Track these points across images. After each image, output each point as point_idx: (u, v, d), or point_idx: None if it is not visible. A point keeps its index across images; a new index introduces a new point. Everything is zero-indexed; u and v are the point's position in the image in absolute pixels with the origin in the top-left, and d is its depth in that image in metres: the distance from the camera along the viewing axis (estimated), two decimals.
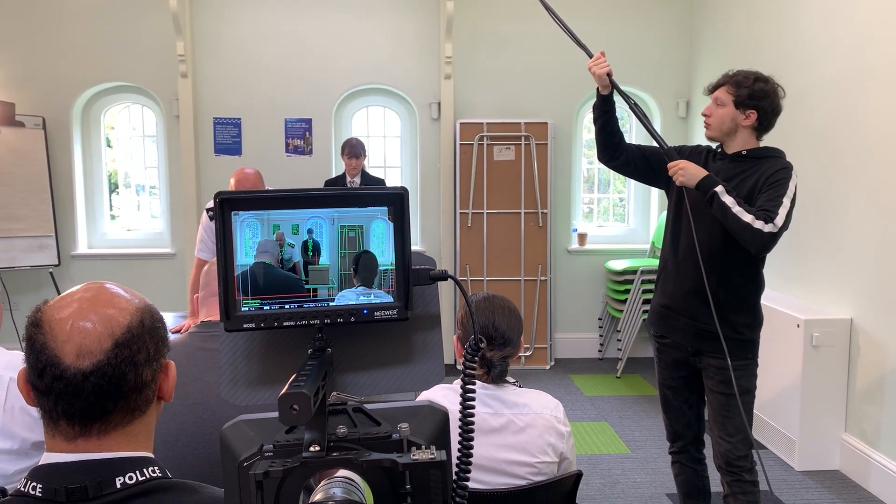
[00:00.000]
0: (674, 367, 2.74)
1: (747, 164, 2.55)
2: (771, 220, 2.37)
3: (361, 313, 0.78)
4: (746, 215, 2.38)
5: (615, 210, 6.36)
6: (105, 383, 1.01)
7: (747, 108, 2.52)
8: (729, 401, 2.57)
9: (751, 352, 2.59)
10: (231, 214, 0.75)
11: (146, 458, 1.09)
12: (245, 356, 0.82)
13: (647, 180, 2.80)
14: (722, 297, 2.54)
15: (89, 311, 1.02)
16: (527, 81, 5.83)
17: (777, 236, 2.38)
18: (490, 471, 1.83)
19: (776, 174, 2.46)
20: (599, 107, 2.72)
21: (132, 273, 5.82)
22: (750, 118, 2.52)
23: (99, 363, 1.00)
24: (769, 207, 2.39)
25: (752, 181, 2.50)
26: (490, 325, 1.88)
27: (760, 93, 2.50)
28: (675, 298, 2.67)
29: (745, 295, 2.58)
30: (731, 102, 2.53)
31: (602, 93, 2.70)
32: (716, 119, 2.57)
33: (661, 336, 2.76)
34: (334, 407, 0.80)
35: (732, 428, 2.58)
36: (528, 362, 5.71)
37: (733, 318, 2.55)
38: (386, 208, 0.78)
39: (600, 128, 2.74)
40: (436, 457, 0.70)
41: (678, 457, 2.83)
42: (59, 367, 0.99)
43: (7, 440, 1.74)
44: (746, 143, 2.57)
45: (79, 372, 0.99)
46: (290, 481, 0.73)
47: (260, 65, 5.73)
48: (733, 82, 2.55)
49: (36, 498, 1.01)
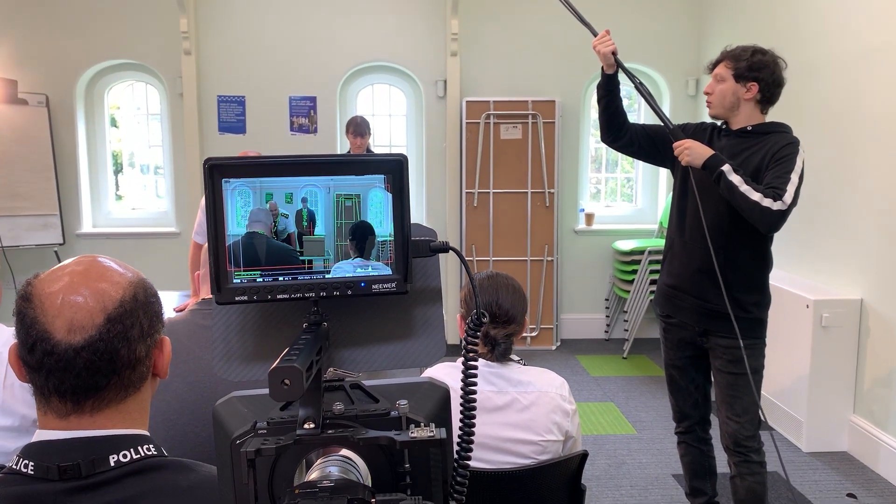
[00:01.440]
0: (680, 347, 2.71)
1: (753, 139, 2.50)
2: (779, 198, 2.33)
3: (359, 286, 0.75)
4: (754, 194, 2.34)
5: (623, 190, 6.30)
6: (97, 359, 0.98)
7: (747, 80, 2.48)
8: (737, 380, 2.54)
9: (759, 331, 2.57)
10: (221, 182, 0.72)
11: (141, 435, 1.06)
12: (238, 330, 0.79)
13: (651, 160, 2.76)
14: (729, 276, 2.51)
15: (80, 286, 0.99)
16: (534, 58, 5.75)
17: (786, 214, 2.35)
18: (494, 449, 1.81)
19: (783, 150, 2.41)
20: (604, 86, 2.68)
21: (137, 252, 5.81)
22: (751, 91, 2.48)
23: (90, 338, 0.97)
24: (777, 185, 2.35)
25: (759, 157, 2.45)
26: (494, 302, 1.85)
27: (759, 64, 2.47)
28: (681, 278, 2.63)
29: (752, 274, 2.54)
30: (731, 77, 2.50)
31: (607, 72, 2.65)
32: (717, 95, 2.54)
33: (668, 316, 2.73)
34: (331, 383, 0.77)
35: (740, 408, 2.55)
36: (533, 343, 5.69)
37: (741, 297, 2.52)
38: (384, 176, 0.75)
39: (604, 108, 2.69)
40: (435, 434, 0.67)
41: (684, 437, 2.81)
42: (49, 343, 0.96)
43: (7, 417, 1.72)
44: (751, 117, 2.52)
45: (70, 347, 0.96)
46: (285, 459, 0.71)
47: (264, 42, 5.67)
48: (731, 56, 2.52)
49: (28, 476, 0.99)
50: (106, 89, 5.86)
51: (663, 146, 2.64)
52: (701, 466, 2.81)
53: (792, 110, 4.12)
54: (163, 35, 5.62)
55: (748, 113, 2.52)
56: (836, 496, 3.30)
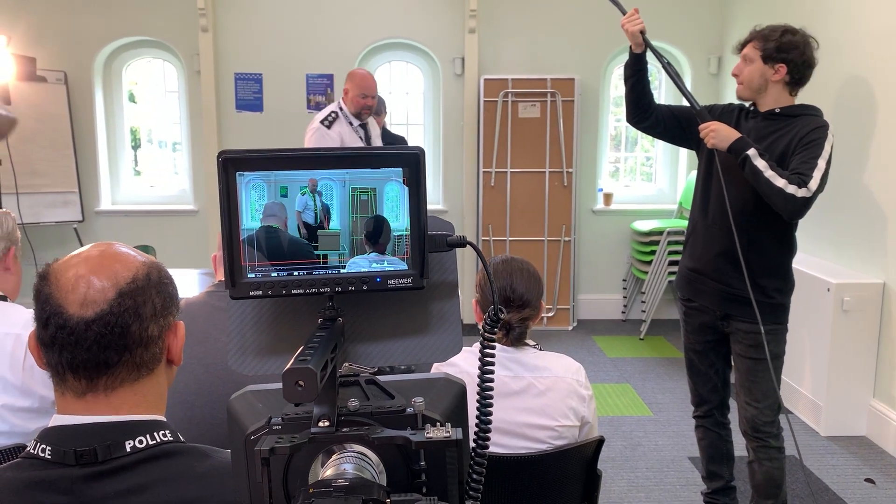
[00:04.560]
0: (700, 332, 2.69)
1: (781, 122, 2.45)
2: (804, 185, 2.28)
3: (374, 281, 0.73)
4: (779, 179, 2.29)
5: (642, 169, 6.23)
6: (108, 332, 1.00)
7: (776, 61, 2.41)
8: (757, 366, 2.52)
9: (781, 316, 2.53)
10: (236, 175, 0.71)
11: (157, 421, 1.07)
12: (253, 324, 0.79)
13: (676, 141, 2.72)
14: (752, 261, 2.47)
15: (95, 265, 1.02)
16: (554, 35, 5.67)
17: (811, 201, 2.30)
18: (510, 434, 1.81)
19: (811, 134, 2.36)
20: (631, 65, 2.63)
21: (155, 229, 5.84)
22: (779, 72, 2.42)
23: (102, 312, 0.99)
24: (803, 170, 2.30)
25: (786, 141, 2.40)
26: (508, 286, 1.84)
27: (788, 45, 2.40)
28: (703, 261, 2.60)
29: (775, 258, 2.51)
30: (759, 58, 2.44)
31: (635, 51, 2.59)
32: (745, 77, 2.48)
33: (689, 300, 2.70)
34: (346, 379, 0.76)
35: (760, 393, 2.53)
36: (550, 323, 5.67)
37: (764, 282, 2.49)
38: (400, 170, 0.73)
39: (630, 87, 2.64)
40: (451, 435, 0.66)
41: (702, 421, 2.80)
42: (62, 317, 0.99)
43: (27, 398, 1.74)
44: (779, 100, 2.46)
45: (81, 320, 0.99)
46: (299, 456, 0.70)
47: (281, 19, 5.63)
48: (760, 37, 2.45)
49: (45, 460, 1.00)
50: (124, 66, 5.87)
51: (689, 127, 2.60)
52: (718, 451, 2.80)
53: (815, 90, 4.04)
54: (180, 12, 5.59)
55: (776, 95, 2.46)
56: (854, 481, 3.28)
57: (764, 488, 2.60)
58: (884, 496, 3.16)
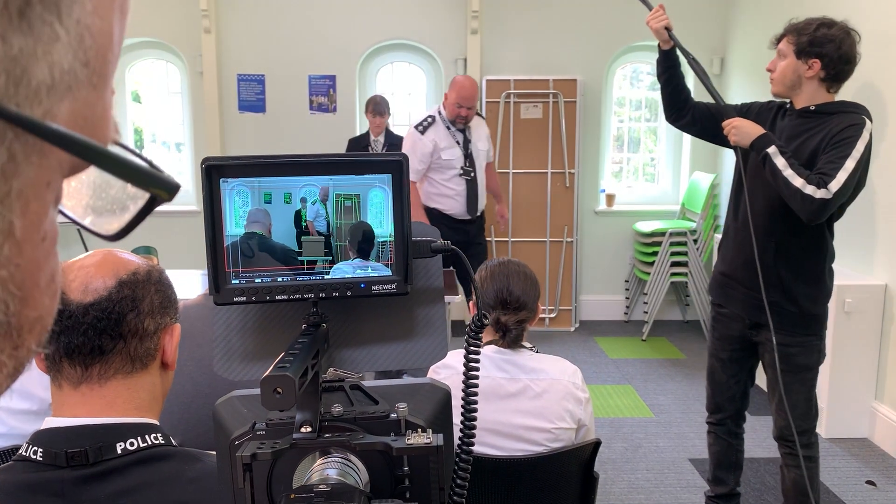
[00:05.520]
0: (727, 340, 2.62)
1: (815, 120, 2.32)
2: (824, 185, 2.17)
3: (358, 287, 0.74)
4: (797, 179, 2.19)
5: (645, 170, 6.22)
6: (104, 318, 1.04)
7: (809, 56, 2.30)
8: (784, 377, 2.41)
9: (812, 327, 2.42)
10: (219, 181, 0.71)
11: (149, 424, 1.08)
12: (238, 330, 0.79)
13: (715, 140, 2.61)
14: (781, 267, 2.38)
15: (100, 262, 1.09)
16: (556, 36, 5.67)
17: (829, 203, 2.18)
18: (506, 436, 1.81)
19: (843, 132, 2.23)
20: (661, 62, 2.59)
21: (157, 230, 5.85)
22: (813, 68, 2.30)
23: (100, 298, 1.04)
24: (826, 171, 2.18)
25: (817, 140, 2.28)
26: (505, 289, 1.85)
27: (822, 39, 2.27)
28: (733, 266, 2.53)
29: (806, 265, 2.40)
30: (793, 52, 2.33)
31: (663, 48, 2.56)
32: (779, 73, 2.37)
33: (720, 305, 2.63)
34: (330, 384, 0.77)
35: (788, 404, 2.43)
36: (552, 324, 5.67)
37: (794, 290, 2.38)
38: (384, 176, 0.73)
39: (664, 84, 2.60)
40: (431, 441, 0.66)
41: (715, 428, 2.74)
42: (63, 302, 1.03)
43: (25, 401, 1.75)
44: (815, 97, 2.34)
45: (80, 305, 1.03)
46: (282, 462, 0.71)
47: (284, 20, 5.65)
48: (794, 30, 2.34)
49: (37, 462, 1.01)
50: (128, 67, 5.88)
51: None
52: (727, 459, 2.74)
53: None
54: (183, 14, 5.61)
55: (811, 92, 2.34)
56: (856, 483, 3.27)
57: (791, 494, 2.56)
58: (885, 498, 3.16)
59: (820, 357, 2.49)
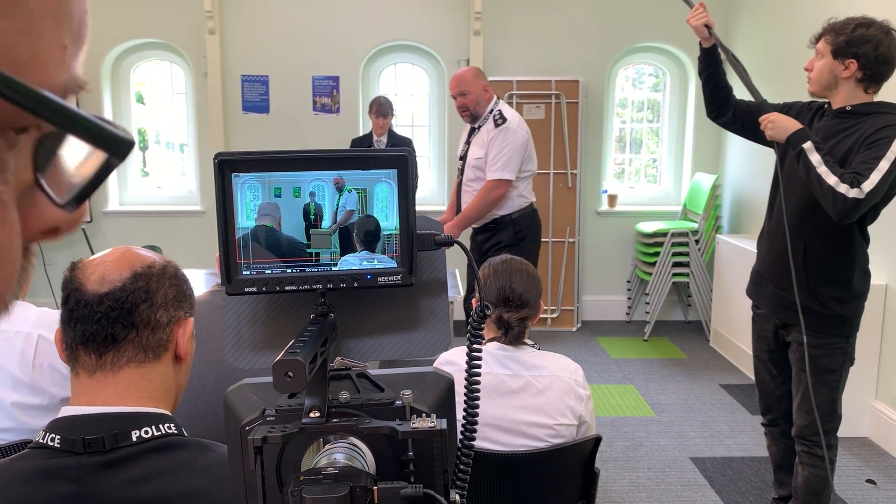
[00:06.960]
0: (764, 340, 2.64)
1: (851, 120, 2.30)
2: (857, 185, 2.14)
3: (365, 279, 0.76)
4: (831, 177, 2.16)
5: (647, 171, 6.24)
6: (118, 307, 1.08)
7: (846, 57, 2.27)
8: (806, 378, 2.40)
9: (838, 328, 2.41)
10: (231, 176, 0.74)
11: (163, 414, 1.11)
12: (249, 320, 0.82)
13: (756, 138, 2.58)
14: (809, 267, 2.36)
15: (118, 257, 1.13)
16: (558, 37, 5.69)
17: (862, 203, 2.15)
18: (509, 432, 1.83)
19: (879, 132, 2.20)
20: (703, 60, 2.59)
21: (162, 230, 5.89)
22: (850, 69, 2.27)
23: (115, 288, 1.09)
24: (861, 170, 2.16)
25: (852, 140, 2.26)
26: (507, 286, 1.87)
27: (860, 39, 2.24)
28: (765, 264, 2.55)
29: (834, 265, 2.38)
30: (829, 53, 2.30)
31: (704, 45, 2.56)
32: (815, 73, 2.35)
33: (756, 306, 2.64)
34: (338, 372, 0.79)
35: (808, 405, 2.44)
36: (554, 324, 5.69)
37: (821, 291, 2.37)
38: (390, 171, 0.76)
39: (704, 82, 2.60)
40: (436, 426, 0.69)
41: (769, 429, 2.75)
42: (81, 293, 1.09)
43: (36, 396, 1.78)
44: (851, 97, 2.31)
45: (96, 295, 1.08)
46: (292, 446, 0.73)
47: (287, 21, 5.68)
48: (832, 30, 2.32)
49: (54, 449, 1.04)
50: (132, 68, 5.92)
51: None
52: (786, 461, 2.72)
53: None
54: (187, 14, 5.65)
55: (848, 92, 2.31)
56: (856, 482, 3.29)
57: (802, 493, 2.56)
58: (885, 497, 3.17)
59: (846, 360, 2.46)
